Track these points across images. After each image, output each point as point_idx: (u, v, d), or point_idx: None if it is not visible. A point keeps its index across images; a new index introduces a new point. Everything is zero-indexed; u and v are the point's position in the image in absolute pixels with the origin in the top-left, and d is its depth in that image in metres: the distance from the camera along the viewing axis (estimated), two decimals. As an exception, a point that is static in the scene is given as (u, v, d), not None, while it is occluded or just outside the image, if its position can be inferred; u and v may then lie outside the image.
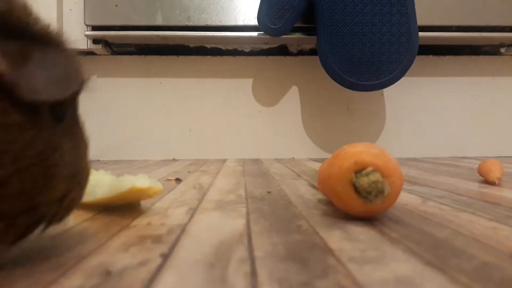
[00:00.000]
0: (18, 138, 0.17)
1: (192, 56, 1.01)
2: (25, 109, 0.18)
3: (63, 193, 0.21)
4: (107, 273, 0.18)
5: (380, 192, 0.27)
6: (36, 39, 0.18)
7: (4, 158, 0.17)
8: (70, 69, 0.19)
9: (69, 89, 0.19)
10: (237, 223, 0.28)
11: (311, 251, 0.22)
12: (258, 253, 0.21)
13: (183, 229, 0.27)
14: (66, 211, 0.22)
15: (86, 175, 0.23)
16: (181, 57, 1.01)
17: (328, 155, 1.00)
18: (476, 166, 0.54)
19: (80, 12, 0.93)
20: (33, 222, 0.20)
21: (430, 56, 1.03)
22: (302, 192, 0.42)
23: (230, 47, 1.00)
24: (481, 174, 0.50)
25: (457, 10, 0.93)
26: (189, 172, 0.65)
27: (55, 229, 0.27)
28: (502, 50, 1.01)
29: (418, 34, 0.84)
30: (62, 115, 0.20)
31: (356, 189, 0.27)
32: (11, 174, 0.17)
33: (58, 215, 0.21)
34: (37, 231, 0.20)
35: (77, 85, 0.19)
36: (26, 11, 0.19)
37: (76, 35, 0.92)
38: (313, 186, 0.46)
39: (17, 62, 0.17)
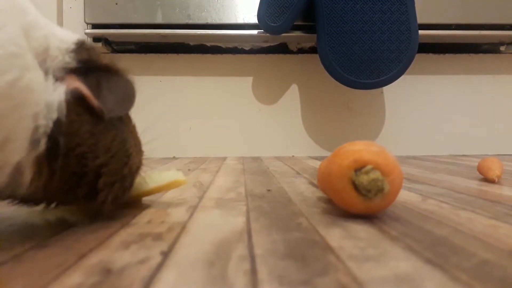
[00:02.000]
0: (106, 136, 0.26)
1: (192, 54, 1.01)
2: (105, 118, 0.26)
3: (138, 165, 0.30)
4: (107, 271, 0.18)
5: (380, 190, 0.27)
6: (104, 71, 0.27)
7: (101, 150, 0.26)
8: (127, 90, 0.28)
9: (129, 106, 0.28)
10: (237, 221, 0.28)
11: (311, 249, 0.22)
12: (258, 251, 0.21)
13: (183, 227, 0.27)
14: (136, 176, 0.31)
15: (141, 148, 0.33)
16: (181, 55, 1.01)
17: (328, 153, 1.00)
18: (476, 164, 0.54)
19: (80, 10, 0.93)
20: (123, 189, 0.28)
21: (430, 54, 1.03)
22: (302, 190, 0.42)
23: (230, 45, 1.00)
24: (480, 172, 0.50)
25: (457, 8, 0.93)
26: (189, 170, 0.65)
27: (55, 227, 0.27)
28: (502, 48, 1.01)
29: (418, 32, 0.84)
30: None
31: (356, 187, 0.27)
32: (107, 159, 0.26)
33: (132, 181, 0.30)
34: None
35: (133, 101, 0.28)
36: (95, 52, 0.28)
37: (76, 33, 0.91)
38: (313, 184, 0.46)
39: (94, 90, 0.25)
